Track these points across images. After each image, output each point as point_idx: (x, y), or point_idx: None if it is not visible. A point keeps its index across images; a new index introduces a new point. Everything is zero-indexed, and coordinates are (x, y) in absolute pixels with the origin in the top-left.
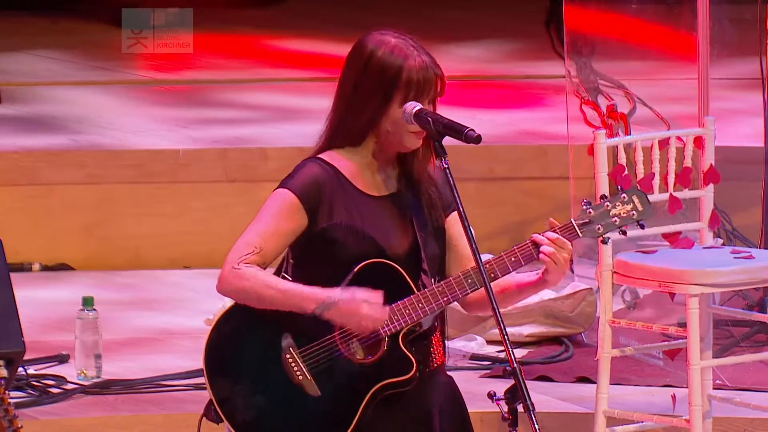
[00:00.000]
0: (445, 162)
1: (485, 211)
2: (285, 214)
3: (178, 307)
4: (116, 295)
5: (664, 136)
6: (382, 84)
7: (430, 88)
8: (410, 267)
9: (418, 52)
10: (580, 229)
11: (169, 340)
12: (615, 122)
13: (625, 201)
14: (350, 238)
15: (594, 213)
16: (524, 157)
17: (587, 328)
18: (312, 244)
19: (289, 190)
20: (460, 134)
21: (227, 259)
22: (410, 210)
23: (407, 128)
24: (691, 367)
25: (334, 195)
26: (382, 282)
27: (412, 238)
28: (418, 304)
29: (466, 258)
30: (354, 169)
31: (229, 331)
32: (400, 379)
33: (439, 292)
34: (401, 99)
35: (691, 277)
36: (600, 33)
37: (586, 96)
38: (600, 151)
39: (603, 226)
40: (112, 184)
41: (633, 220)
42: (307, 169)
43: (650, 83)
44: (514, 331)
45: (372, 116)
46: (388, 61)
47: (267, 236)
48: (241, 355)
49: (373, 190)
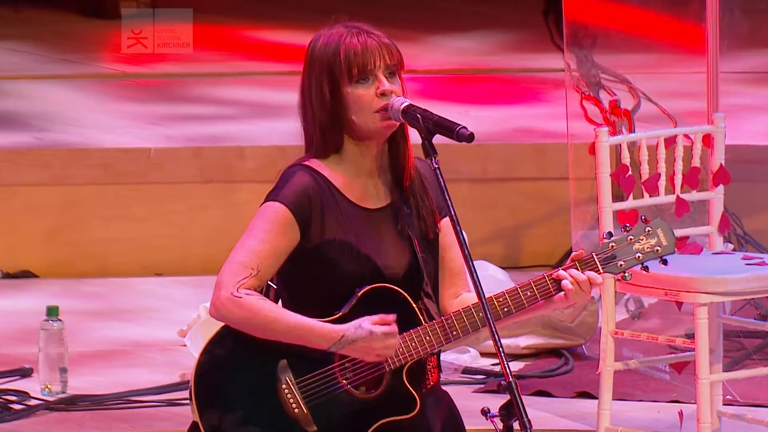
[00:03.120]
0: (436, 162)
1: (478, 215)
2: (279, 230)
3: (149, 317)
4: (83, 305)
5: (670, 134)
6: (325, 72)
7: (373, 57)
8: (410, 289)
9: (358, 32)
10: (602, 264)
11: (140, 353)
12: (618, 119)
13: (649, 234)
14: (344, 256)
15: (617, 247)
16: (520, 157)
17: (588, 340)
18: (302, 260)
19: (281, 204)
20: (452, 132)
21: (222, 281)
22: (407, 224)
23: (370, 108)
24: (700, 382)
25: (326, 208)
26: (385, 309)
27: (410, 257)
28: (425, 338)
29: (454, 273)
30: (344, 178)
31: (222, 355)
32: (403, 417)
33: (448, 326)
34: (347, 79)
35: (699, 285)
36: (602, 23)
37: (587, 91)
38: (602, 150)
39: (625, 262)
40: (79, 186)
41: (657, 256)
42: (297, 178)
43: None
44: (510, 342)
45: (331, 110)
46: (325, 48)
47: (263, 256)
48: (233, 383)
49: (366, 201)
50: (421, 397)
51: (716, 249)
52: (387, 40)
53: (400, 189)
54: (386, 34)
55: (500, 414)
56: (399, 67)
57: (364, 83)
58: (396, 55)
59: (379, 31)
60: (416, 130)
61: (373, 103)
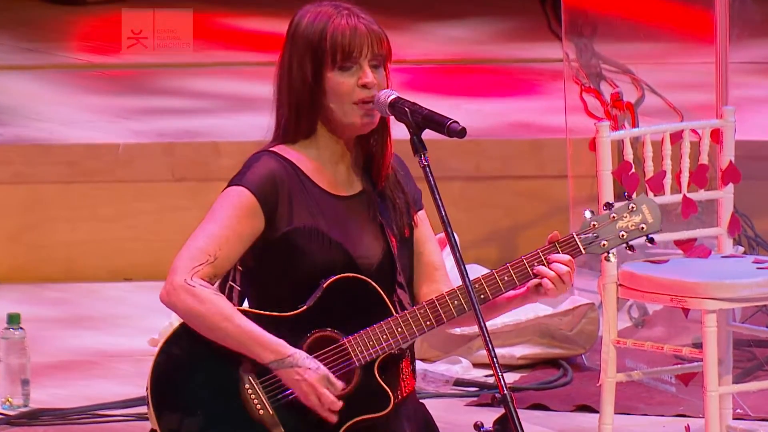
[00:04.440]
0: (425, 159)
1: (471, 215)
2: (242, 215)
3: (117, 325)
4: (47, 312)
5: (676, 128)
6: (309, 52)
7: (361, 44)
8: (383, 280)
9: (348, 14)
10: (583, 244)
11: (108, 364)
12: (620, 113)
13: (633, 211)
14: (314, 244)
15: (598, 225)
16: (516, 153)
17: (588, 349)
18: (268, 251)
19: (244, 188)
20: (442, 127)
21: (176, 265)
22: (379, 213)
23: (349, 98)
24: (708, 394)
25: (294, 194)
26: (354, 300)
27: (384, 246)
28: (397, 329)
29: (432, 267)
30: (313, 164)
31: (180, 355)
32: (376, 415)
33: (421, 315)
34: (331, 63)
35: (707, 291)
36: (603, 10)
37: (587, 83)
38: (603, 145)
39: (608, 241)
40: (42, 184)
41: (642, 233)
42: (263, 163)
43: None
44: (505, 352)
45: (310, 93)
46: (311, 26)
47: (222, 242)
48: (193, 384)
49: (336, 188)
50: (395, 395)
51: (726, 252)
52: (377, 28)
53: (374, 181)
54: (375, 20)
55: (494, 429)
56: (386, 58)
57: (346, 70)
58: (385, 45)
59: (368, 16)
60: (404, 124)
61: (353, 94)
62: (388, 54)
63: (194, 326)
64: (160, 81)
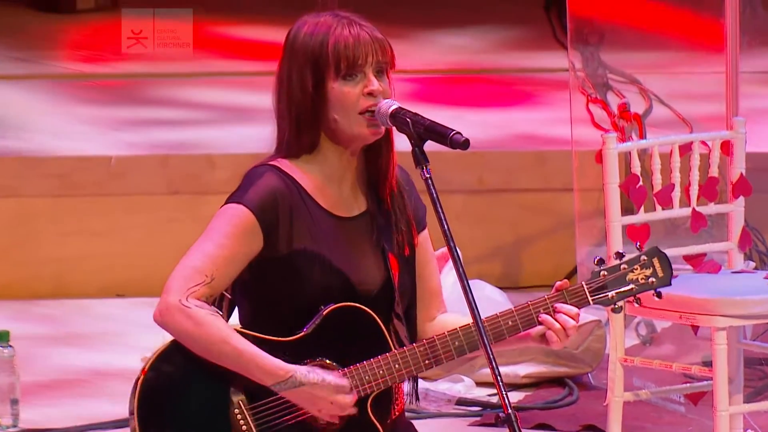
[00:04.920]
0: (427, 171)
1: (474, 230)
2: (240, 236)
3: (109, 342)
4: (36, 329)
5: (685, 140)
6: (310, 63)
7: (366, 52)
8: (380, 308)
9: (349, 22)
10: (591, 295)
11: (99, 383)
12: (627, 124)
13: (644, 264)
14: (315, 268)
15: (608, 276)
16: (520, 166)
17: (595, 368)
18: (266, 270)
19: (244, 207)
20: (445, 138)
21: (171, 286)
22: (382, 237)
23: (354, 108)
24: (718, 414)
25: (295, 214)
26: (353, 331)
27: (384, 274)
28: (394, 366)
29: (429, 293)
30: (315, 182)
31: (170, 373)
32: None
33: (420, 354)
34: (334, 73)
35: (717, 307)
36: (610, 18)
37: (594, 93)
38: (610, 158)
39: (617, 294)
40: (32, 198)
41: (651, 288)
42: (264, 180)
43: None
44: (509, 370)
45: (312, 104)
46: (311, 36)
47: (219, 262)
48: (181, 405)
49: (338, 208)
50: (384, 425)
51: (736, 267)
52: (380, 35)
53: (377, 198)
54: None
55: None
56: (390, 65)
57: (351, 80)
58: (389, 53)
59: (369, 24)
60: (405, 135)
61: (359, 103)
62: (391, 61)
63: (189, 347)
64: (153, 91)
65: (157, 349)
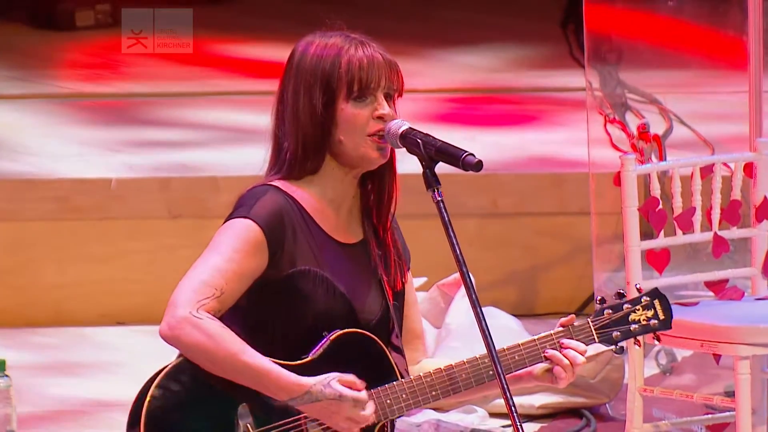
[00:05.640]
0: (439, 194)
1: (487, 255)
2: (250, 250)
3: (109, 372)
4: (34, 358)
5: (707, 162)
6: (320, 83)
7: (379, 75)
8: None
9: (362, 44)
10: (597, 332)
11: (99, 414)
12: (647, 145)
13: (645, 306)
14: (318, 291)
15: (613, 315)
16: (536, 188)
17: (613, 398)
18: (266, 291)
19: (252, 221)
20: (457, 159)
21: (179, 300)
22: (379, 267)
23: (363, 131)
24: None
25: (298, 234)
26: (359, 358)
27: (383, 304)
28: (402, 395)
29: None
30: (316, 204)
31: (178, 393)
32: None
33: (428, 384)
34: (346, 93)
35: (740, 335)
36: (629, 35)
37: (612, 113)
38: (628, 180)
39: (621, 333)
40: (29, 222)
41: (650, 330)
42: (270, 197)
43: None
44: (524, 401)
45: (320, 125)
46: (321, 57)
47: (229, 276)
48: (188, 425)
49: (338, 233)
50: None
51: (760, 294)
52: (392, 59)
53: (373, 228)
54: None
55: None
56: (399, 91)
57: (361, 102)
58: (400, 78)
59: (380, 47)
60: (416, 157)
61: (368, 126)
62: (401, 87)
63: (200, 362)
64: (155, 111)
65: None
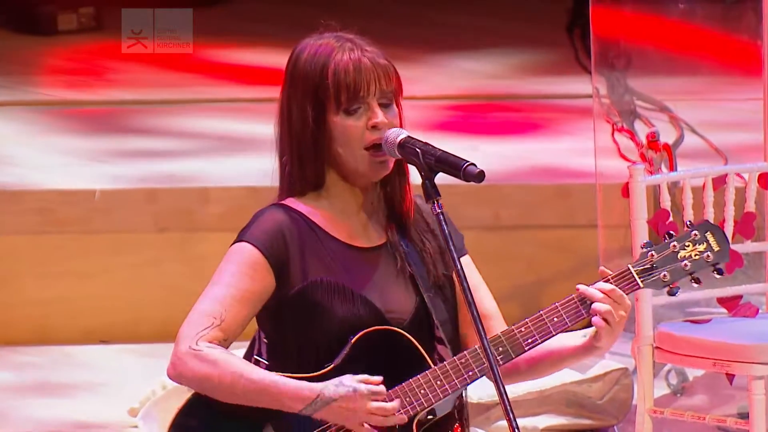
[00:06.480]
0: (438, 206)
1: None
2: (248, 273)
3: (94, 392)
4: (15, 378)
5: (720, 172)
6: (309, 94)
7: (368, 82)
8: (420, 336)
9: (351, 47)
10: (640, 276)
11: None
12: (656, 155)
13: (696, 240)
14: (335, 299)
15: (657, 256)
16: (540, 200)
17: (621, 420)
18: (284, 312)
19: (248, 243)
20: (458, 169)
21: (180, 335)
22: (408, 264)
23: (359, 143)
24: None
25: (306, 247)
26: (386, 355)
27: (416, 300)
28: (435, 382)
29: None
30: (326, 216)
31: (195, 428)
32: None
33: (462, 365)
34: (335, 104)
35: (755, 354)
36: (637, 40)
37: (620, 121)
38: (637, 191)
39: (670, 273)
40: (10, 235)
41: (708, 264)
42: (268, 216)
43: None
44: (528, 423)
45: (313, 138)
46: (311, 64)
47: (227, 302)
48: None
49: (355, 239)
50: None
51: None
52: (383, 60)
53: (398, 229)
54: (382, 52)
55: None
56: (396, 94)
57: (353, 113)
58: (394, 80)
59: (374, 48)
60: (415, 167)
61: (364, 138)
62: (398, 89)
63: (209, 392)
64: (141, 119)
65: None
